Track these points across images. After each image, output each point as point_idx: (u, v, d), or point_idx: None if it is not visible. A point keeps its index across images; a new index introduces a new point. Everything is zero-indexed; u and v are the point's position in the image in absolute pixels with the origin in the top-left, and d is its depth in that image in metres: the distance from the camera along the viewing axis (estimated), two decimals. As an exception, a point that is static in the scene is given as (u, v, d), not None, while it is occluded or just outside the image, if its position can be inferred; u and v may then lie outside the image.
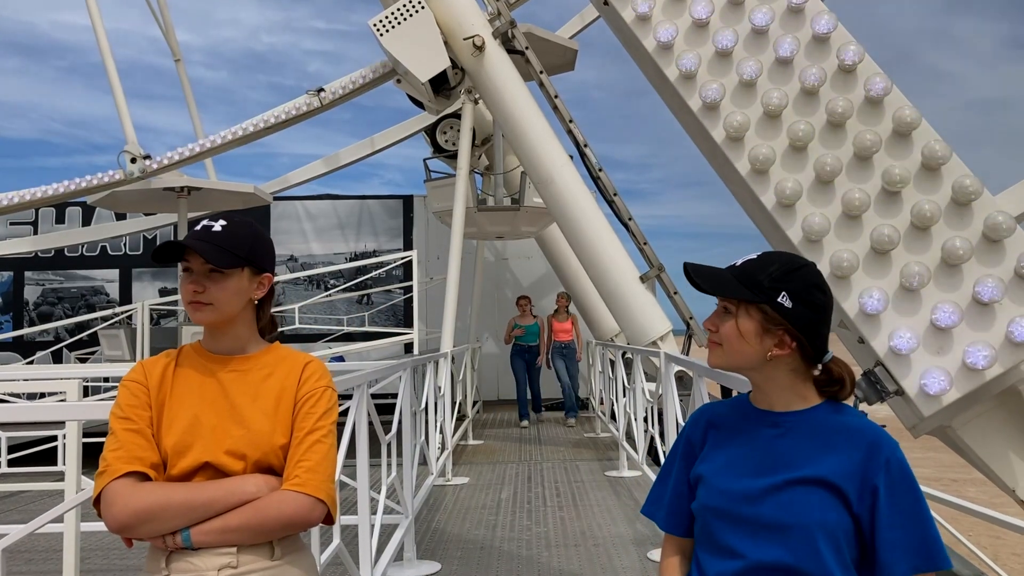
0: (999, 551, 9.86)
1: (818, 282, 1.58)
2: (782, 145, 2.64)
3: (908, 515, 1.48)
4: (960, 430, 2.56)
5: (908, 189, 2.54)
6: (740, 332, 1.59)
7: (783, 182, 2.58)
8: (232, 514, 1.67)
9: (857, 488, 1.50)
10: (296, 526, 1.72)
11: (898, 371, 2.39)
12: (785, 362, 1.58)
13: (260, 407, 1.74)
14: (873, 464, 1.50)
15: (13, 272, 14.93)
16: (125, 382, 1.74)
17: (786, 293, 1.55)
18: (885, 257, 2.49)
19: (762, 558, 1.52)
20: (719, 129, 2.69)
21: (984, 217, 2.44)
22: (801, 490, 1.51)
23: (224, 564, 1.66)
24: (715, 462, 1.64)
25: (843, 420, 1.57)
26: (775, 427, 1.60)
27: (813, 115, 2.65)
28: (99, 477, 1.66)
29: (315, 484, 1.72)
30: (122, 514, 1.62)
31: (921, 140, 2.57)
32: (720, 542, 1.58)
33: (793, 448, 1.56)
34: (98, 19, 9.87)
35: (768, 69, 2.71)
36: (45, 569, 5.03)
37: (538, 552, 5.25)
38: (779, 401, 1.61)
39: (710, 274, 1.65)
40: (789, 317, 1.55)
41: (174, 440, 1.68)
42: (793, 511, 1.51)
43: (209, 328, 1.80)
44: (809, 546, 1.49)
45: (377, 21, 7.87)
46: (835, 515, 1.49)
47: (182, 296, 1.79)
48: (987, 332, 2.39)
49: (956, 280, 2.44)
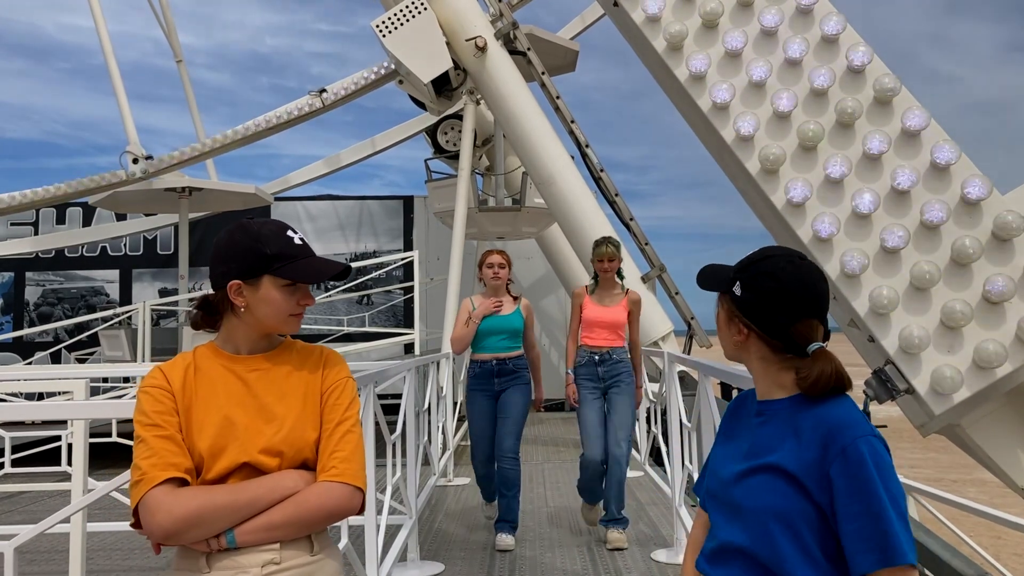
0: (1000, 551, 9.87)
1: (772, 270, 1.62)
2: (792, 145, 2.65)
3: (865, 506, 1.46)
4: (969, 428, 2.57)
5: (917, 189, 2.55)
6: (717, 320, 1.71)
7: (793, 182, 2.59)
8: (275, 510, 1.68)
9: (816, 478, 1.50)
10: (337, 516, 1.74)
11: (908, 369, 2.40)
12: (752, 350, 1.64)
13: (289, 404, 1.76)
14: (830, 453, 1.49)
15: (14, 273, 14.92)
16: (147, 388, 1.71)
17: (739, 282, 1.63)
18: (895, 256, 2.50)
19: (728, 539, 1.60)
20: (729, 129, 2.70)
21: (994, 216, 2.45)
22: (761, 477, 1.56)
23: (268, 560, 1.67)
24: (718, 446, 1.75)
25: (815, 409, 1.57)
26: (758, 415, 1.66)
27: (823, 115, 2.66)
28: (136, 486, 1.63)
29: (352, 473, 1.74)
30: (167, 521, 1.60)
31: (930, 141, 2.58)
32: (712, 520, 1.69)
33: (768, 436, 1.61)
34: (101, 20, 9.87)
35: (778, 70, 2.72)
36: (49, 570, 5.02)
37: (541, 552, 5.25)
38: (760, 389, 1.68)
39: (707, 272, 1.76)
40: (739, 305, 1.63)
41: (208, 443, 1.68)
42: (750, 496, 1.56)
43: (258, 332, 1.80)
44: (761, 530, 1.53)
45: (380, 22, 7.88)
46: (789, 502, 1.51)
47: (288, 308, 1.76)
48: (997, 330, 2.40)
49: (966, 279, 2.45)
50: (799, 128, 2.63)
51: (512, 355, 5.33)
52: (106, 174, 9.24)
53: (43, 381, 5.34)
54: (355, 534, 3.74)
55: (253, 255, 1.74)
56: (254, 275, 1.73)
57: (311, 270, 1.76)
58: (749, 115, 2.67)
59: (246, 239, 1.76)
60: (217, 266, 1.78)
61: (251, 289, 1.74)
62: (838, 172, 2.56)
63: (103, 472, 4.75)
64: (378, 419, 4.19)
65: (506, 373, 5.31)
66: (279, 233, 1.77)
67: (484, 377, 5.36)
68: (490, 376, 5.32)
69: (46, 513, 2.79)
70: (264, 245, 1.74)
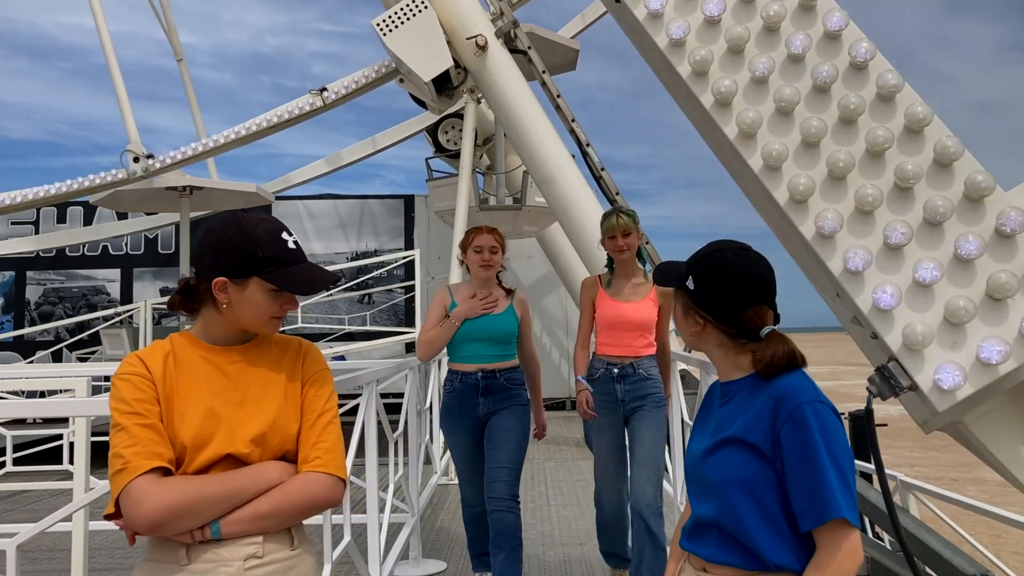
0: (1000, 550, 9.87)
1: (720, 263, 1.73)
2: (794, 141, 2.64)
3: (810, 466, 1.53)
4: (972, 426, 2.56)
5: (920, 185, 2.54)
6: (674, 315, 1.85)
7: (795, 178, 2.58)
8: (261, 501, 1.66)
9: (769, 442, 1.59)
10: (321, 507, 1.74)
11: (911, 366, 2.39)
12: (710, 338, 1.76)
13: (271, 396, 1.74)
14: (779, 417, 1.59)
15: (15, 272, 14.92)
16: (126, 376, 1.65)
17: (692, 277, 1.75)
18: (898, 253, 2.49)
19: (701, 514, 1.70)
20: (731, 125, 2.70)
21: (996, 213, 2.44)
22: (724, 450, 1.66)
23: (250, 554, 1.65)
24: (694, 432, 1.86)
25: (769, 383, 1.67)
26: (722, 396, 1.77)
27: (825, 111, 2.65)
28: (118, 475, 1.59)
29: (335, 464, 1.74)
30: (152, 511, 1.56)
31: (933, 137, 2.57)
32: (689, 499, 1.80)
33: (729, 413, 1.71)
34: (101, 18, 9.87)
35: (780, 65, 2.72)
36: (50, 568, 5.03)
37: (543, 551, 5.25)
38: (721, 372, 1.80)
39: (663, 269, 1.87)
40: (693, 298, 1.74)
41: (192, 434, 1.65)
42: (716, 470, 1.66)
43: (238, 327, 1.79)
44: (726, 501, 1.62)
45: (380, 21, 7.88)
46: (751, 472, 1.60)
47: (270, 311, 1.74)
48: (1001, 327, 2.39)
49: (969, 275, 2.44)
50: (802, 124, 2.62)
51: (504, 366, 4.00)
52: (106, 173, 9.24)
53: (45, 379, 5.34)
54: (357, 532, 3.74)
55: (244, 255, 1.70)
56: (242, 275, 1.69)
57: (302, 281, 1.73)
58: (751, 111, 2.66)
59: (240, 237, 1.72)
60: (205, 257, 1.73)
61: (236, 288, 1.70)
62: (841, 167, 2.56)
63: (105, 470, 4.75)
64: (380, 418, 4.19)
65: (496, 390, 3.96)
66: (274, 235, 1.74)
67: (466, 395, 3.97)
68: (474, 394, 3.96)
69: (48, 512, 2.79)
70: (257, 247, 1.70)
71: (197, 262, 1.76)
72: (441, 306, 4.03)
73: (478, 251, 4.02)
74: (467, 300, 4.01)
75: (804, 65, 2.67)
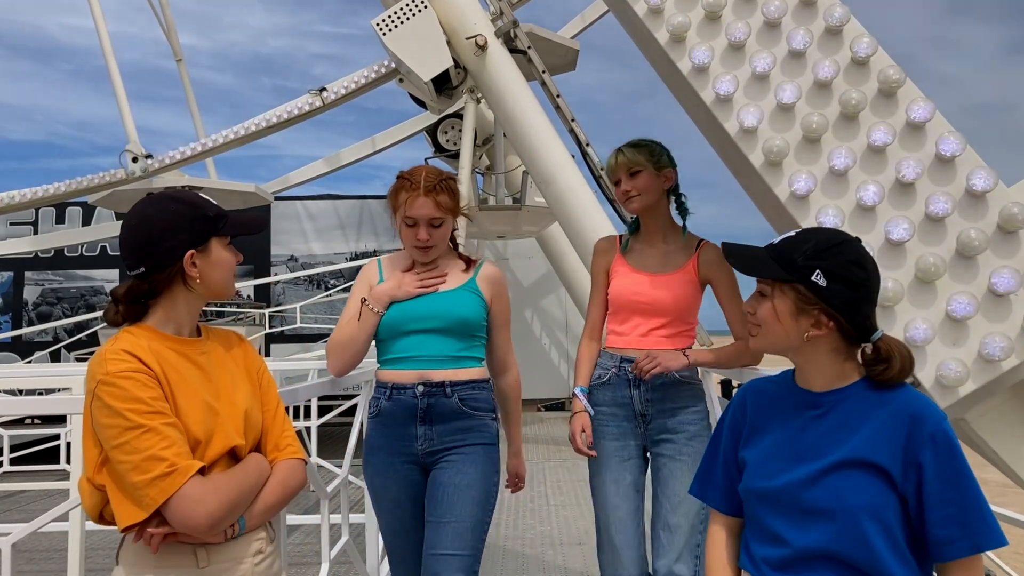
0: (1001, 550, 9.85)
1: (856, 258, 1.52)
2: (796, 137, 2.63)
3: (960, 491, 1.41)
4: (974, 423, 2.55)
5: (922, 181, 2.53)
6: (776, 313, 1.54)
7: (796, 174, 2.57)
8: (268, 494, 1.70)
9: (899, 463, 1.44)
10: (298, 491, 1.80)
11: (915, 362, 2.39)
12: (825, 342, 1.53)
13: (240, 387, 1.76)
14: (917, 439, 1.43)
15: (13, 272, 14.90)
16: (130, 373, 1.53)
17: (820, 271, 1.49)
18: (900, 249, 2.48)
19: (808, 545, 1.47)
20: (732, 122, 2.68)
21: (999, 208, 2.43)
22: (844, 473, 1.46)
23: (257, 550, 1.69)
24: (759, 444, 1.60)
25: (884, 395, 1.50)
26: (815, 407, 1.55)
27: (827, 107, 2.64)
28: (164, 479, 1.49)
29: (302, 450, 1.82)
30: (217, 509, 1.55)
31: (934, 133, 2.56)
32: (766, 527, 1.55)
33: (834, 428, 1.51)
34: (100, 18, 9.86)
35: (781, 62, 2.71)
36: (48, 568, 5.00)
37: (543, 551, 5.24)
38: (819, 381, 1.56)
39: (745, 254, 1.60)
40: (824, 296, 1.49)
41: (201, 428, 1.61)
42: (836, 495, 1.46)
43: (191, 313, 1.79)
44: (855, 531, 1.43)
45: (380, 20, 7.86)
46: (880, 496, 1.44)
47: (231, 277, 1.77)
48: (1003, 323, 2.38)
49: (972, 271, 2.43)
50: (803, 120, 2.61)
51: (458, 376, 2.51)
52: (105, 173, 9.23)
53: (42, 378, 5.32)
54: (356, 532, 3.72)
55: (200, 222, 1.68)
56: (204, 240, 1.69)
57: (247, 222, 1.76)
58: (752, 107, 2.65)
59: (185, 208, 1.68)
60: (160, 243, 1.64)
61: (202, 256, 1.69)
62: (842, 164, 2.54)
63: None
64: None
65: (445, 416, 2.48)
66: (200, 197, 1.75)
67: (395, 422, 2.50)
68: (409, 420, 2.48)
69: (44, 512, 2.77)
70: (204, 209, 1.71)
71: (153, 255, 1.65)
72: (366, 287, 2.64)
73: (410, 223, 2.55)
74: (398, 275, 2.59)
75: (805, 61, 2.67)
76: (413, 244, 2.58)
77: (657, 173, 2.67)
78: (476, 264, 2.67)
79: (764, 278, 1.57)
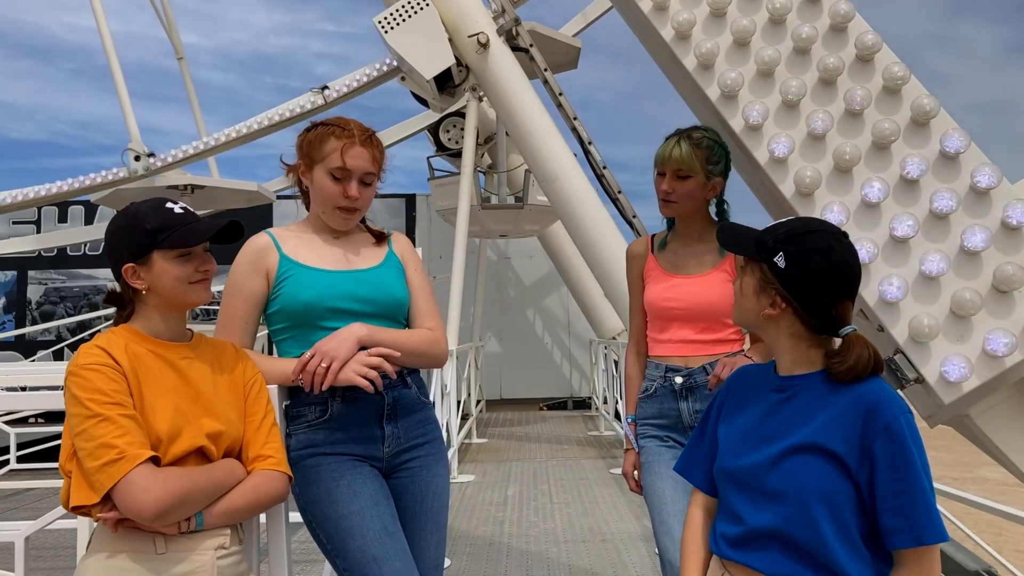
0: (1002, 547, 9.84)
1: (822, 247, 1.54)
2: (800, 134, 2.64)
3: (907, 483, 1.44)
4: (978, 419, 2.56)
5: (927, 178, 2.54)
6: (742, 288, 1.63)
7: (802, 171, 2.58)
8: (235, 496, 1.74)
9: (855, 452, 1.47)
10: (276, 503, 1.84)
11: (918, 359, 2.39)
12: (784, 325, 1.58)
13: (221, 395, 1.80)
14: (871, 429, 1.46)
15: (16, 271, 14.93)
16: (95, 366, 1.63)
17: (783, 254, 1.55)
18: (904, 245, 2.49)
19: (760, 524, 1.53)
20: (738, 119, 2.69)
21: (1003, 205, 2.44)
22: (799, 458, 1.51)
23: (219, 544, 1.72)
24: (731, 425, 1.67)
25: (849, 385, 1.52)
26: (782, 391, 1.60)
27: (831, 104, 2.65)
28: (112, 465, 1.56)
29: (285, 462, 1.85)
30: (163, 498, 1.58)
31: (939, 129, 2.57)
32: (729, 506, 1.61)
33: (795, 413, 1.56)
34: (102, 17, 9.87)
35: (786, 58, 2.71)
36: (56, 565, 5.02)
37: (547, 548, 5.25)
38: (783, 364, 1.63)
39: (734, 231, 1.69)
40: (780, 277, 1.55)
41: (167, 425, 1.67)
42: (791, 478, 1.50)
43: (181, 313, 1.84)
44: (804, 513, 1.48)
45: (382, 18, 7.87)
46: (833, 482, 1.47)
47: (186, 276, 1.78)
48: (1007, 319, 2.39)
49: (976, 268, 2.44)
50: (808, 117, 2.62)
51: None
52: (107, 172, 9.24)
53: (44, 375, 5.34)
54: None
55: (136, 234, 1.74)
56: (143, 254, 1.74)
57: (193, 233, 1.76)
58: (758, 104, 2.66)
59: (126, 221, 1.77)
60: (110, 256, 1.78)
61: (145, 269, 1.75)
62: (847, 160, 2.55)
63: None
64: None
65: (409, 409, 2.16)
66: (157, 207, 1.78)
67: (356, 424, 2.08)
68: (372, 420, 2.10)
69: (51, 509, 2.79)
70: (144, 221, 1.74)
71: (111, 268, 1.79)
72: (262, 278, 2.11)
73: (340, 178, 2.15)
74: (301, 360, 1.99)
75: (810, 57, 2.67)
76: (339, 204, 2.16)
77: (706, 183, 2.42)
78: (386, 237, 2.36)
79: (739, 255, 1.66)
